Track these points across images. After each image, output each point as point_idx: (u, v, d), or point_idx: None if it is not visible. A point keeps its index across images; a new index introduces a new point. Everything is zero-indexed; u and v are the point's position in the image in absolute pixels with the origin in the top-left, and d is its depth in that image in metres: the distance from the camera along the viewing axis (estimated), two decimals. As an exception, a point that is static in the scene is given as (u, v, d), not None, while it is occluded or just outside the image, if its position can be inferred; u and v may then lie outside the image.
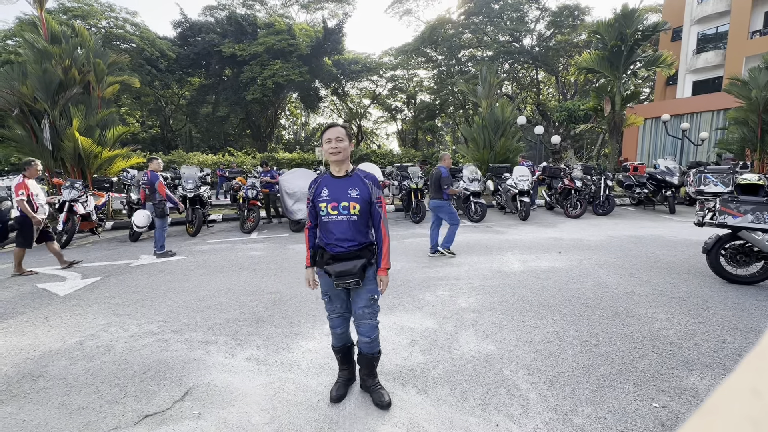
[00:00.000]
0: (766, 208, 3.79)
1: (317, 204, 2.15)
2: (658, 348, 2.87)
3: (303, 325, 3.40)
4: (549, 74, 30.47)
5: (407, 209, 9.36)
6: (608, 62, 13.23)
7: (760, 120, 11.06)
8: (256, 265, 5.47)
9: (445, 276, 4.73)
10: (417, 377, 2.55)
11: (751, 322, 3.26)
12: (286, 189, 8.07)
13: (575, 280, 4.45)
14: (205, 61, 28.51)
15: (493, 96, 13.33)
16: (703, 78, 22.26)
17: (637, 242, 6.37)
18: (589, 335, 3.09)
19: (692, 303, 3.72)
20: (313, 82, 30.09)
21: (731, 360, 2.68)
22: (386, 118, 37.98)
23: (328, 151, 2.10)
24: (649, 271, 4.78)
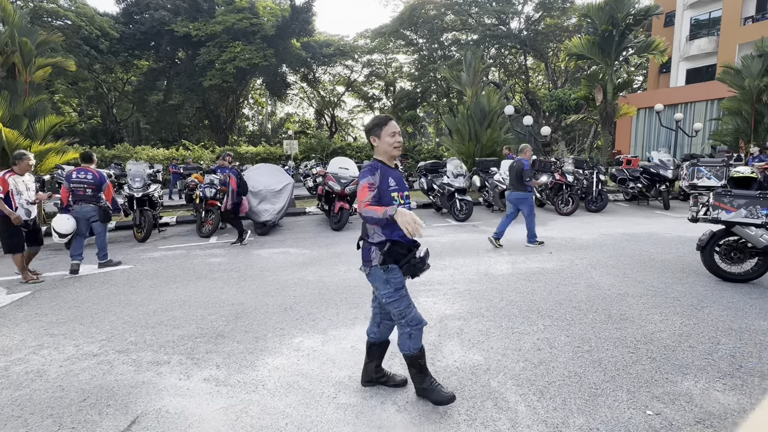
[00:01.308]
0: (759, 202, 4.02)
1: (388, 194, 2.24)
2: (652, 352, 2.99)
3: (269, 340, 3.35)
4: (538, 60, 31.24)
5: (387, 208, 9.35)
6: (599, 48, 13.69)
7: (753, 110, 11.72)
8: (216, 273, 5.36)
9: (428, 281, 4.77)
10: (397, 393, 2.56)
11: (746, 322, 3.46)
12: (249, 187, 7.93)
13: (567, 282, 4.58)
14: (154, 42, 27.64)
15: (478, 83, 13.53)
16: (697, 66, 23.38)
17: (631, 240, 6.63)
18: (581, 341, 3.19)
19: (687, 303, 3.90)
20: (279, 67, 29.71)
21: (726, 362, 2.83)
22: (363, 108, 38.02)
23: (394, 145, 2.27)
24: (643, 270, 4.98)
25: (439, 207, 10.07)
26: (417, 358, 2.42)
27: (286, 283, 4.84)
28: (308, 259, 5.97)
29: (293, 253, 6.37)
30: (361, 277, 4.98)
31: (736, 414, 2.28)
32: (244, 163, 19.74)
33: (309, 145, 22.87)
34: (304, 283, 4.83)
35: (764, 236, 4.12)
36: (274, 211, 7.75)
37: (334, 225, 8.05)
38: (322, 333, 3.45)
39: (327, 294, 4.41)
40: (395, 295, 2.29)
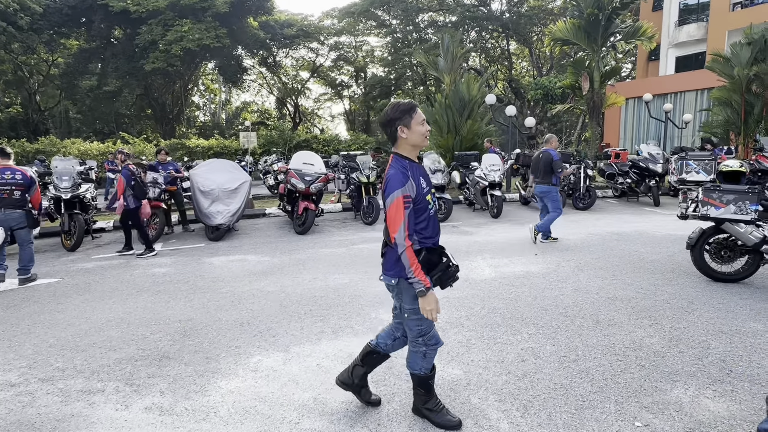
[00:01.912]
0: (748, 198, 4.27)
1: (424, 197, 2.20)
2: (640, 359, 3.12)
3: (222, 360, 3.28)
4: (522, 45, 32.04)
5: (357, 208, 9.37)
6: (585, 33, 14.17)
7: (743, 100, 12.44)
8: (161, 285, 5.21)
9: (403, 288, 4.78)
10: (368, 414, 2.56)
11: (736, 324, 3.66)
12: (199, 186, 7.75)
13: (553, 287, 4.72)
14: (85, 18, 26.56)
15: (457, 70, 13.73)
16: (687, 53, 24.57)
17: (620, 239, 6.89)
18: (567, 349, 3.29)
19: (677, 306, 4.09)
20: (234, 49, 29.17)
21: (716, 367, 2.98)
22: (330, 96, 37.91)
23: (425, 135, 2.24)
24: (632, 271, 5.19)
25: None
26: (428, 379, 2.43)
27: (243, 294, 4.76)
28: (268, 267, 5.89)
29: (251, 260, 6.27)
30: (328, 286, 4.96)
31: (726, 422, 2.41)
32: (194, 158, 19.26)
33: (269, 137, 22.57)
34: (264, 294, 4.76)
35: (754, 233, 4.37)
36: (229, 213, 7.60)
37: (298, 228, 7.99)
38: (283, 350, 3.41)
39: (289, 306, 4.36)
40: (420, 313, 2.22)
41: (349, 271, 5.56)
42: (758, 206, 4.29)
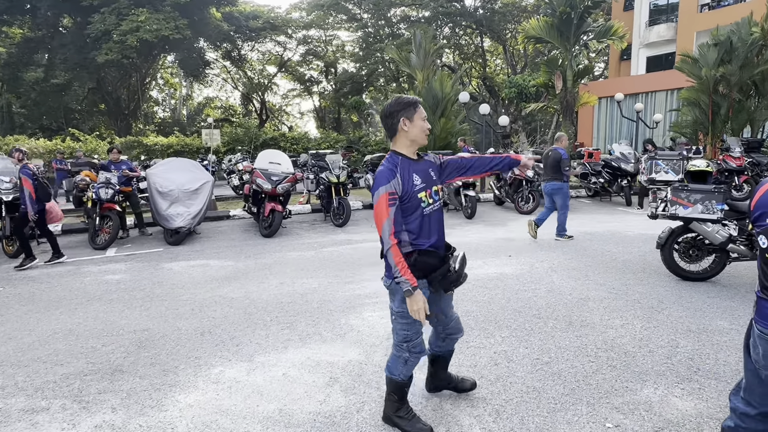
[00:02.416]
0: (714, 197, 4.49)
1: (415, 195, 2.22)
2: (612, 359, 3.23)
3: (181, 372, 3.20)
4: (496, 42, 32.62)
5: (327, 209, 9.33)
6: (558, 31, 14.57)
7: (710, 101, 13.05)
8: (114, 293, 5.04)
9: (375, 292, 4.81)
10: (336, 425, 2.55)
11: (704, 322, 3.84)
12: (157, 187, 7.55)
13: (526, 288, 4.82)
14: (30, 5, 25.37)
15: (430, 66, 13.86)
16: (657, 53, 25.58)
17: (593, 239, 7.12)
18: (540, 351, 3.37)
19: (647, 305, 4.26)
20: (196, 42, 28.54)
21: (684, 366, 3.12)
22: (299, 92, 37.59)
23: (426, 132, 2.29)
24: (605, 272, 5.37)
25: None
26: (404, 386, 2.46)
27: (204, 302, 4.66)
28: (232, 272, 5.79)
29: (213, 265, 6.15)
30: (295, 291, 4.92)
31: (693, 420, 2.52)
32: (152, 156, 18.73)
33: (234, 135, 22.17)
34: (227, 301, 4.67)
35: (720, 232, 4.59)
36: (189, 215, 7.43)
37: (264, 231, 7.88)
38: (247, 360, 3.36)
39: (254, 313, 4.30)
40: (408, 316, 2.24)
41: (318, 275, 5.53)
42: (724, 205, 4.51)
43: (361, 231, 8.38)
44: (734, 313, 4.04)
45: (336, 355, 3.41)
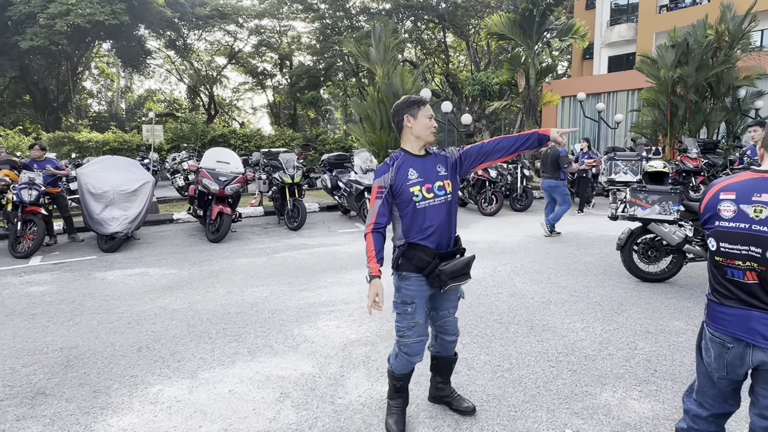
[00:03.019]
0: (671, 198, 4.75)
1: (407, 189, 2.38)
2: (572, 364, 3.35)
3: (115, 393, 3.07)
4: (459, 38, 33.25)
5: (281, 212, 9.20)
6: (520, 28, 15.02)
7: (669, 102, 13.83)
8: (38, 307, 4.77)
9: (331, 300, 4.78)
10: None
11: (661, 323, 4.05)
12: (89, 188, 7.21)
13: (488, 293, 4.93)
14: (-61, -18, 23.69)
15: (390, 61, 13.92)
16: (618, 53, 26.84)
17: (556, 241, 7.37)
18: (501, 358, 3.45)
19: (608, 308, 4.45)
20: (135, 28, 27.50)
21: (642, 368, 3.28)
22: (251, 86, 37.00)
23: (431, 129, 2.47)
24: (567, 274, 5.57)
25: (347, 209, 10.15)
26: (394, 378, 2.62)
27: (143, 314, 4.49)
28: (175, 281, 5.60)
29: (154, 274, 5.93)
30: (245, 300, 4.83)
31: (650, 422, 2.66)
32: (86, 154, 17.88)
33: (179, 131, 21.53)
34: (168, 312, 4.52)
35: (677, 233, 4.87)
36: (127, 219, 7.13)
37: (212, 235, 7.68)
38: (189, 377, 3.26)
39: (199, 325, 4.18)
40: (400, 307, 2.48)
41: (270, 282, 5.45)
42: (680, 206, 4.78)
43: (318, 235, 8.31)
44: (690, 313, 4.28)
45: (287, 368, 3.36)
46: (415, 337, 2.48)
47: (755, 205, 1.60)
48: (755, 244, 1.60)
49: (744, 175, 1.69)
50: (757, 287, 1.63)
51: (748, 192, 1.63)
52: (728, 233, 1.67)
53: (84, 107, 34.64)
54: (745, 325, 1.66)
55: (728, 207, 1.67)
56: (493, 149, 2.52)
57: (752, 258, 1.61)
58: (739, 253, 1.64)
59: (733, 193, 1.67)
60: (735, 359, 1.71)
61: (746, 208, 1.62)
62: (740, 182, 1.68)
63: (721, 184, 1.74)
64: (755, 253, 1.60)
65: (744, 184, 1.66)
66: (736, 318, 1.69)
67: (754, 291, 1.64)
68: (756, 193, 1.61)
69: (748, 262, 1.63)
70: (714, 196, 1.73)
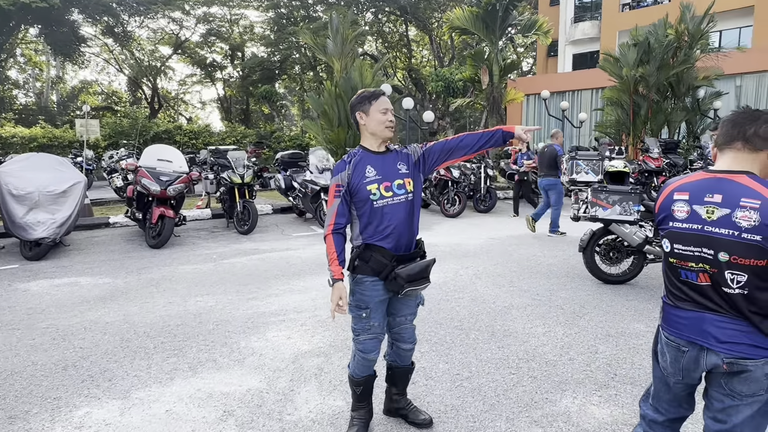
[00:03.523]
0: (632, 198, 4.93)
1: (363, 187, 2.37)
2: (533, 370, 3.41)
3: (34, 418, 2.89)
4: (422, 32, 33.57)
5: (230, 214, 8.99)
6: (483, 23, 15.30)
7: (631, 101, 14.42)
8: (-53, 323, 4.44)
9: (282, 309, 4.70)
10: (228, 467, 2.43)
11: (622, 326, 4.19)
12: (10, 189, 6.82)
13: (449, 298, 4.97)
14: None
15: (349, 55, 13.87)
16: (582, 51, 27.80)
17: (519, 244, 7.53)
18: (461, 366, 3.47)
19: (569, 311, 4.56)
20: (67, 13, 26.25)
21: (602, 372, 3.37)
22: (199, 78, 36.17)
23: (385, 124, 2.43)
24: (529, 277, 5.69)
25: (302, 211, 10.04)
26: (353, 383, 2.65)
27: (70, 329, 4.27)
28: (109, 291, 5.37)
29: (85, 284, 5.66)
30: (187, 311, 4.69)
31: (609, 427, 2.73)
32: (9, 151, 16.93)
33: (118, 127, 20.73)
34: (100, 326, 4.32)
35: (637, 233, 5.06)
36: (54, 223, 6.77)
37: (152, 240, 7.42)
38: (121, 397, 3.11)
39: (134, 340, 4.01)
40: (354, 311, 2.50)
41: (216, 291, 5.30)
42: (640, 206, 4.97)
43: (270, 239, 8.18)
44: (650, 315, 4.45)
45: (232, 384, 3.27)
46: (368, 335, 2.51)
47: (707, 205, 1.66)
48: (707, 245, 1.65)
49: (697, 175, 1.75)
50: (710, 289, 1.69)
51: (701, 192, 1.69)
52: (681, 234, 1.72)
53: (8, 99, 32.80)
54: (698, 328, 1.72)
55: (681, 207, 1.72)
56: (456, 146, 2.53)
57: (704, 260, 1.67)
58: (692, 255, 1.70)
59: (686, 194, 1.72)
60: (690, 363, 1.76)
61: (699, 208, 1.68)
62: (693, 182, 1.73)
63: (675, 184, 1.79)
64: (707, 255, 1.66)
65: (697, 185, 1.72)
66: (690, 321, 1.74)
67: (706, 293, 1.70)
68: (708, 193, 1.67)
69: (700, 263, 1.68)
70: (668, 197, 1.78)
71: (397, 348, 2.68)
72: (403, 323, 2.64)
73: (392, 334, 2.67)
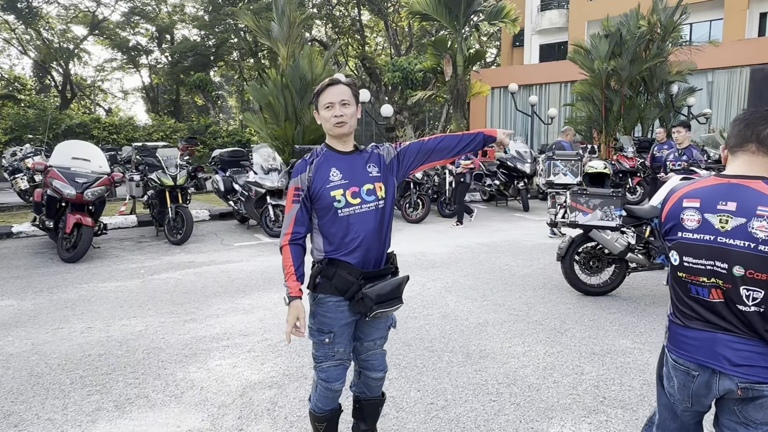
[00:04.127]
0: (613, 202, 5.05)
1: (326, 193, 2.28)
2: (515, 396, 3.40)
3: None
4: (376, 17, 33.74)
5: (160, 222, 8.65)
6: (446, 8, 15.51)
7: (603, 96, 14.97)
8: None
9: (225, 332, 4.53)
10: None
11: (607, 343, 4.26)
12: None
13: (417, 315, 4.92)
14: None
15: (296, 40, 13.72)
16: (550, 42, 28.71)
17: (490, 251, 7.60)
18: (434, 394, 3.42)
19: (549, 327, 4.61)
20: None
21: (590, 395, 3.40)
22: (121, 64, 35.21)
23: (332, 122, 2.32)
24: (504, 289, 5.73)
25: (245, 217, 9.81)
26: (314, 419, 2.55)
27: (-36, 363, 3.93)
28: (13, 315, 5.02)
29: (-17, 307, 5.26)
30: (111, 338, 4.45)
31: (603, 459, 2.73)
32: None
33: (22, 119, 19.72)
34: (2, 359, 4.02)
35: (619, 240, 5.18)
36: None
37: (67, 253, 7.04)
38: (31, 447, 2.87)
39: (46, 374, 3.74)
40: (316, 336, 2.40)
41: (145, 313, 5.06)
42: (622, 211, 5.09)
43: (207, 250, 7.92)
44: (635, 329, 4.56)
45: (169, 424, 3.09)
46: (332, 362, 2.43)
47: (720, 214, 1.66)
48: (721, 258, 1.66)
49: (709, 180, 1.76)
50: (723, 306, 1.69)
51: (713, 199, 1.69)
52: (692, 246, 1.72)
53: None
54: (710, 350, 1.72)
55: (692, 216, 1.72)
56: (435, 148, 2.49)
57: (717, 274, 1.67)
58: (704, 269, 1.70)
59: (697, 201, 1.73)
60: (701, 388, 1.76)
61: (711, 217, 1.68)
62: (704, 188, 1.74)
63: (683, 189, 1.79)
64: (720, 269, 1.66)
65: (708, 191, 1.72)
66: (700, 342, 1.74)
67: (719, 310, 1.70)
68: (721, 201, 1.67)
69: (713, 278, 1.68)
70: (677, 203, 1.78)
71: (366, 377, 2.60)
72: (372, 348, 2.55)
73: (360, 362, 2.59)
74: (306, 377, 3.68)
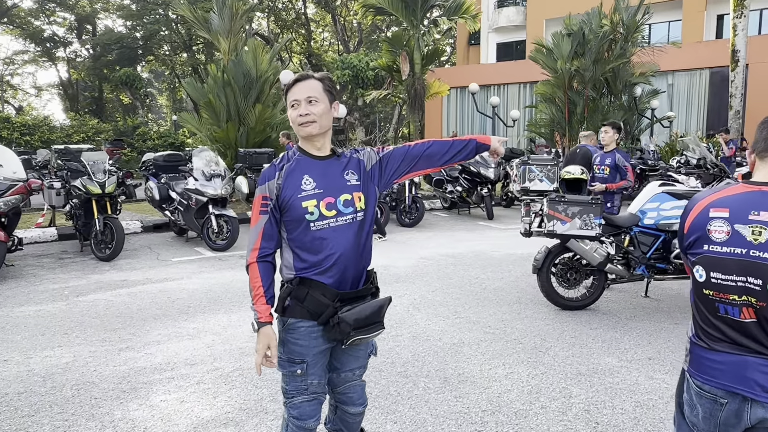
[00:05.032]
0: (592, 210, 5.10)
1: (297, 203, 2.19)
2: (501, 424, 3.33)
3: None
4: (322, 10, 33.68)
5: (85, 234, 8.23)
6: (402, 2, 15.60)
7: (566, 98, 15.41)
8: None
9: (168, 362, 4.29)
10: None
11: (592, 361, 4.27)
12: None
13: (385, 335, 4.80)
14: None
15: (238, 34, 13.49)
16: (507, 40, 29.42)
17: (457, 264, 7.59)
18: (413, 426, 3.31)
19: (530, 346, 4.59)
20: None
21: (581, 421, 3.37)
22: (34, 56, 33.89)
23: (297, 122, 2.24)
24: (477, 305, 5.70)
25: (183, 228, 9.48)
26: None
27: None
28: None
29: None
30: (33, 373, 4.14)
31: (605, 494, 2.69)
32: None
33: None
34: None
35: (599, 251, 5.24)
36: None
37: (-26, 273, 6.55)
38: None
39: (-47, 420, 3.40)
40: (286, 367, 2.27)
41: (72, 341, 4.75)
42: (601, 219, 5.15)
43: (142, 266, 7.57)
44: (619, 346, 4.60)
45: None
46: (305, 396, 2.29)
47: (753, 225, 1.63)
48: (754, 274, 1.62)
49: (737, 188, 1.72)
50: (755, 327, 1.65)
51: (744, 209, 1.65)
52: (721, 260, 1.68)
53: None
54: (740, 375, 1.68)
55: (720, 227, 1.68)
56: (423, 154, 2.41)
57: (750, 291, 1.63)
58: (734, 285, 1.66)
59: (725, 210, 1.69)
60: (730, 418, 1.72)
61: (742, 229, 1.64)
62: (733, 196, 1.70)
63: (709, 197, 1.75)
64: (754, 286, 1.62)
65: (738, 199, 1.68)
66: (729, 366, 1.70)
67: (751, 332, 1.66)
68: (753, 210, 1.64)
69: (744, 296, 1.64)
70: (702, 213, 1.74)
71: (343, 412, 2.47)
72: (350, 380, 2.44)
73: (336, 395, 2.46)
74: (266, 411, 3.49)
